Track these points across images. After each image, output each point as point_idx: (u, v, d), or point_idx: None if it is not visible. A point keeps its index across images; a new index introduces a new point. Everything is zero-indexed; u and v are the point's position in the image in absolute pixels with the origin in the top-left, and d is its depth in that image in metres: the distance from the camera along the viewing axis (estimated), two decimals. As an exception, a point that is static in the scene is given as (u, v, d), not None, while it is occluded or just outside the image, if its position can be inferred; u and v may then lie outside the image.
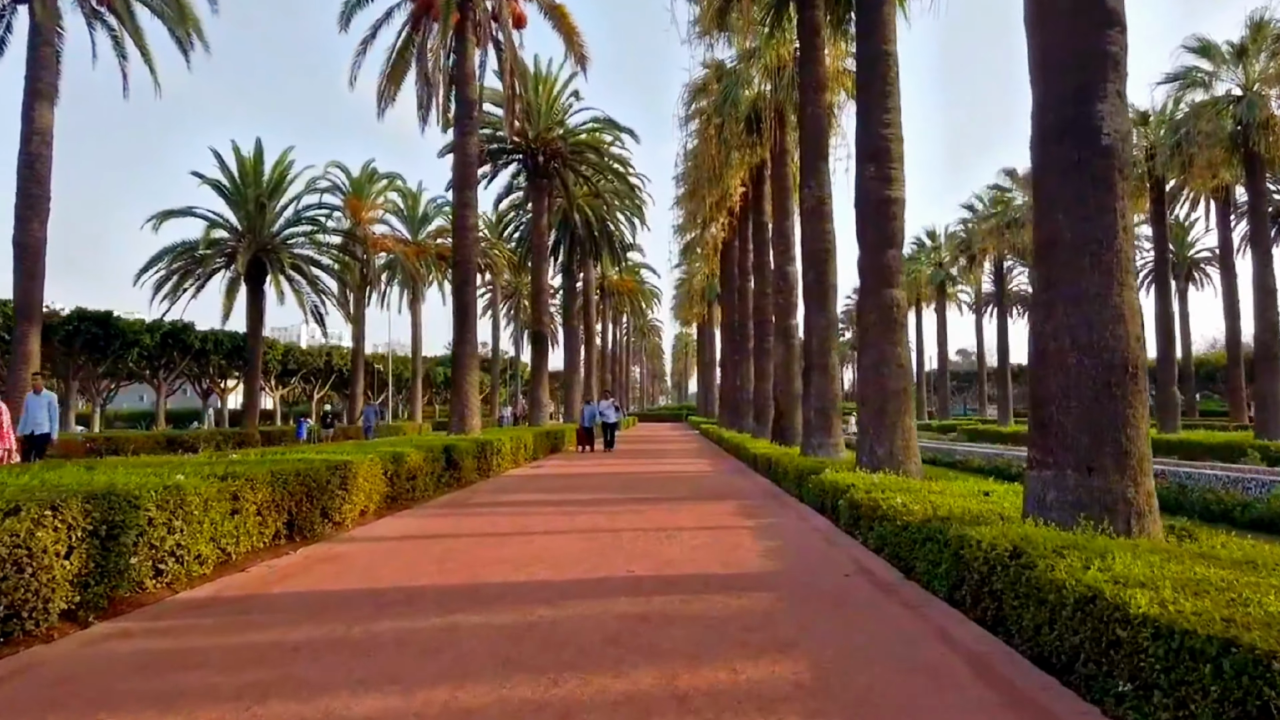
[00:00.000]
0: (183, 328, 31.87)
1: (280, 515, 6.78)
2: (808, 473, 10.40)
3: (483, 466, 13.81)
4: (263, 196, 26.97)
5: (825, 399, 14.30)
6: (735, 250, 32.07)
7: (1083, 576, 3.52)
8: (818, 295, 14.59)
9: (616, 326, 68.40)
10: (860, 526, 7.16)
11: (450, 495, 10.90)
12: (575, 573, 5.53)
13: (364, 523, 8.23)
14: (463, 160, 17.69)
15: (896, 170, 10.51)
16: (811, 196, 14.83)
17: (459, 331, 17.71)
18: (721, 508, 9.24)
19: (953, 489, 7.76)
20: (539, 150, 26.85)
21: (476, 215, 17.92)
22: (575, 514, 8.71)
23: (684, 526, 7.71)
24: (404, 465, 9.74)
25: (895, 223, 10.45)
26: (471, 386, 17.59)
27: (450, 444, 12.07)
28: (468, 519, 8.42)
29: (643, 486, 11.94)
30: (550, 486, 12.14)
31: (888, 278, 10.35)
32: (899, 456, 9.98)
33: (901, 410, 10.08)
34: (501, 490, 11.53)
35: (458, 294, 17.83)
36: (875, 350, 10.24)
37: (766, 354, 23.53)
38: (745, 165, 23.99)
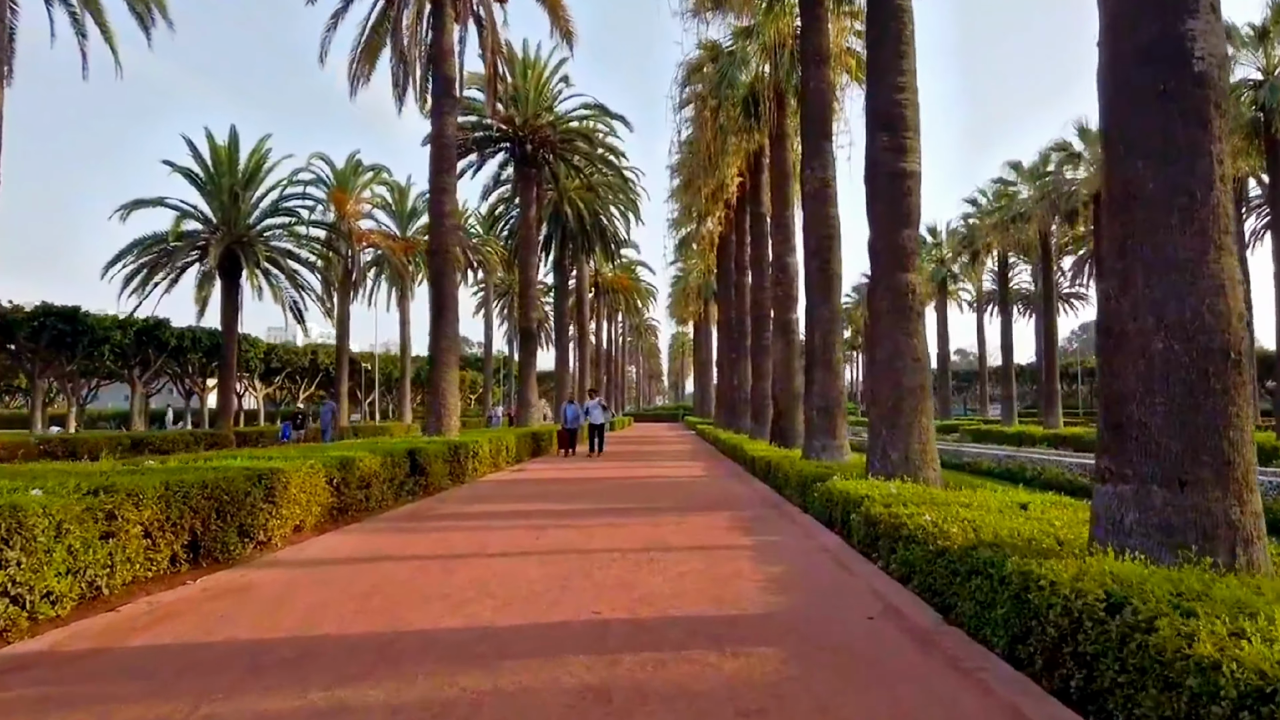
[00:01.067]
0: (157, 324, 30.59)
1: (179, 536, 5.60)
2: (812, 480, 9.25)
3: (456, 471, 12.64)
4: (237, 186, 25.74)
5: (829, 397, 13.18)
6: (732, 245, 30.99)
7: (1245, 656, 2.37)
8: (821, 285, 13.47)
9: (611, 325, 67.26)
10: (879, 548, 6.01)
11: (413, 505, 9.73)
12: (526, 614, 4.37)
13: (298, 540, 7.06)
14: (440, 143, 16.50)
15: (912, 139, 9.35)
16: (814, 178, 13.71)
17: (436, 326, 16.53)
18: (715, 521, 8.08)
19: (983, 500, 6.64)
20: (527, 138, 25.67)
21: (455, 202, 16.76)
22: (546, 528, 7.55)
23: (670, 545, 6.55)
24: (354, 472, 8.56)
25: (910, 199, 9.30)
26: (450, 385, 16.41)
27: (416, 447, 10.90)
28: (421, 536, 7.25)
29: (628, 494, 10.78)
30: (525, 494, 10.97)
31: (902, 260, 9.20)
32: (915, 462, 8.84)
33: (918, 409, 8.94)
34: (471, 499, 10.36)
35: (435, 286, 16.64)
36: (888, 342, 9.09)
37: (765, 351, 22.39)
38: (742, 153, 22.85)
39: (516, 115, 25.17)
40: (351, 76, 17.38)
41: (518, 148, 25.88)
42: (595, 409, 20.43)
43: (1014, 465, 18.42)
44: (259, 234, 27.03)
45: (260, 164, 26.64)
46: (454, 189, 16.92)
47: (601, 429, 20.35)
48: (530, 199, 26.10)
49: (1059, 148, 32.02)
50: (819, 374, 13.27)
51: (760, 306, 22.37)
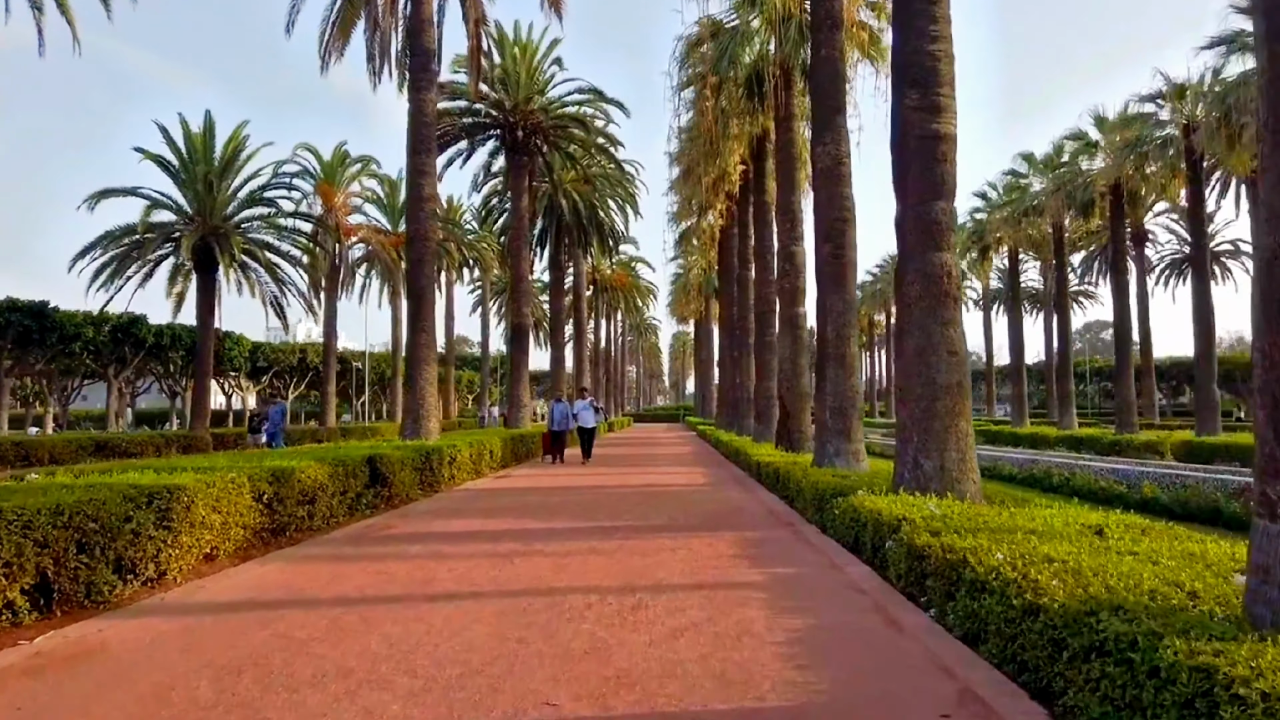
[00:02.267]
0: (132, 320, 29.25)
1: (21, 576, 4.29)
2: (831, 494, 7.93)
3: (428, 480, 11.32)
4: (212, 174, 24.39)
5: (843, 397, 11.87)
6: (734, 238, 29.69)
7: None
8: (834, 273, 12.15)
9: (610, 323, 65.91)
10: (929, 590, 4.68)
11: (368, 522, 8.41)
12: (449, 710, 3.05)
13: (208, 573, 5.74)
14: (418, 120, 15.18)
15: (946, 96, 8.03)
16: (827, 154, 12.38)
17: (414, 319, 15.22)
18: (718, 545, 6.75)
19: (1045, 522, 5.40)
20: (518, 124, 24.33)
21: (435, 185, 15.44)
22: (512, 557, 6.23)
23: (662, 583, 5.23)
24: (292, 485, 7.24)
25: (945, 165, 7.97)
26: (429, 383, 15.09)
27: (378, 454, 9.58)
28: (357, 567, 5.92)
29: (618, 508, 9.45)
30: (501, 507, 9.63)
31: (936, 237, 7.88)
32: (952, 473, 7.52)
33: (955, 411, 7.62)
34: (438, 514, 9.03)
35: (413, 275, 15.34)
36: (920, 333, 7.78)
37: (769, 347, 21.06)
38: (744, 138, 21.54)
39: (506, 99, 23.84)
40: (323, 50, 16.07)
41: (508, 134, 24.55)
42: (586, 410, 17.97)
43: (1038, 471, 17.10)
44: (236, 225, 25.69)
45: (237, 151, 25.30)
46: (434, 171, 15.60)
47: (592, 433, 18.09)
48: (522, 188, 24.77)
49: (1075, 136, 30.69)
50: (832, 370, 11.96)
51: (765, 301, 21.05)
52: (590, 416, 18.06)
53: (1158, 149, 25.37)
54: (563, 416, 17.80)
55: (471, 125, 24.73)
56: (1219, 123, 21.92)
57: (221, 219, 25.01)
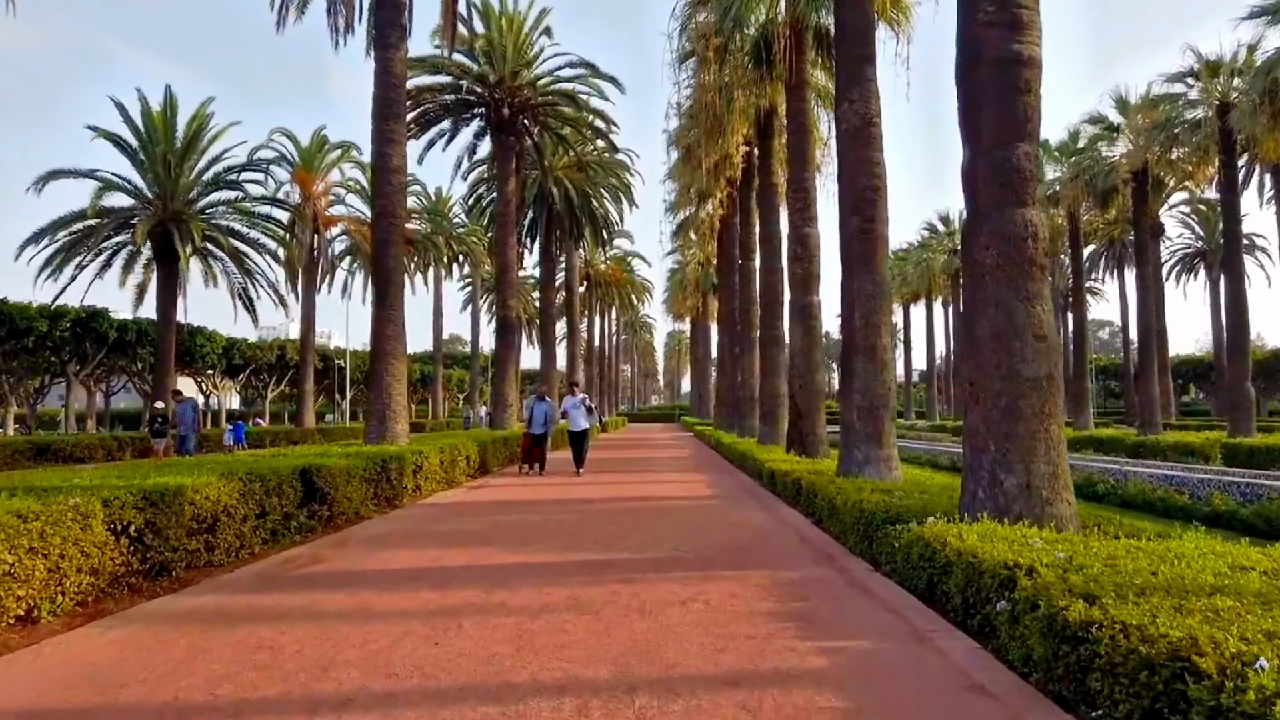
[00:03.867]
0: (92, 314, 27.29)
1: None
2: (881, 519, 6.18)
3: (385, 494, 9.52)
4: (171, 155, 22.48)
5: (873, 395, 10.17)
6: (735, 228, 28.00)
7: None
8: (862, 251, 10.44)
9: (604, 321, 64.12)
10: (1104, 700, 2.94)
11: (291, 553, 6.61)
12: None
13: (17, 645, 3.96)
14: (385, 81, 13.39)
15: (1029, 9, 6.31)
16: (853, 113, 10.66)
17: (379, 308, 13.42)
18: (745, 594, 4.98)
19: (1203, 562, 3.71)
20: (504, 101, 22.53)
21: (404, 157, 13.65)
22: (462, 617, 4.45)
23: (675, 671, 3.48)
24: (176, 510, 5.45)
25: (1028, 98, 6.24)
26: (396, 380, 13.30)
27: (315, 465, 7.77)
28: (235, 637, 4.13)
29: (611, 532, 7.67)
30: (466, 532, 7.83)
31: (1018, 189, 6.16)
32: (1042, 491, 5.84)
33: (1045, 412, 5.91)
34: (384, 541, 7.23)
35: (378, 257, 13.54)
36: (998, 312, 6.06)
37: (777, 342, 19.33)
38: (749, 116, 19.82)
39: (491, 73, 22.03)
40: (279, 4, 14.24)
41: (493, 113, 22.74)
42: (577, 409, 14.86)
43: (1078, 477, 15.33)
44: (201, 211, 23.79)
45: (200, 130, 23.36)
46: (403, 139, 13.79)
47: (585, 438, 14.96)
48: (508, 172, 22.97)
49: (1094, 120, 29.04)
50: (860, 364, 10.24)
51: (772, 291, 19.33)
52: (582, 417, 14.93)
53: (1188, 130, 23.74)
54: (544, 418, 14.84)
55: (454, 102, 22.90)
56: (1262, 99, 20.26)
57: (183, 203, 23.11)
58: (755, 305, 23.08)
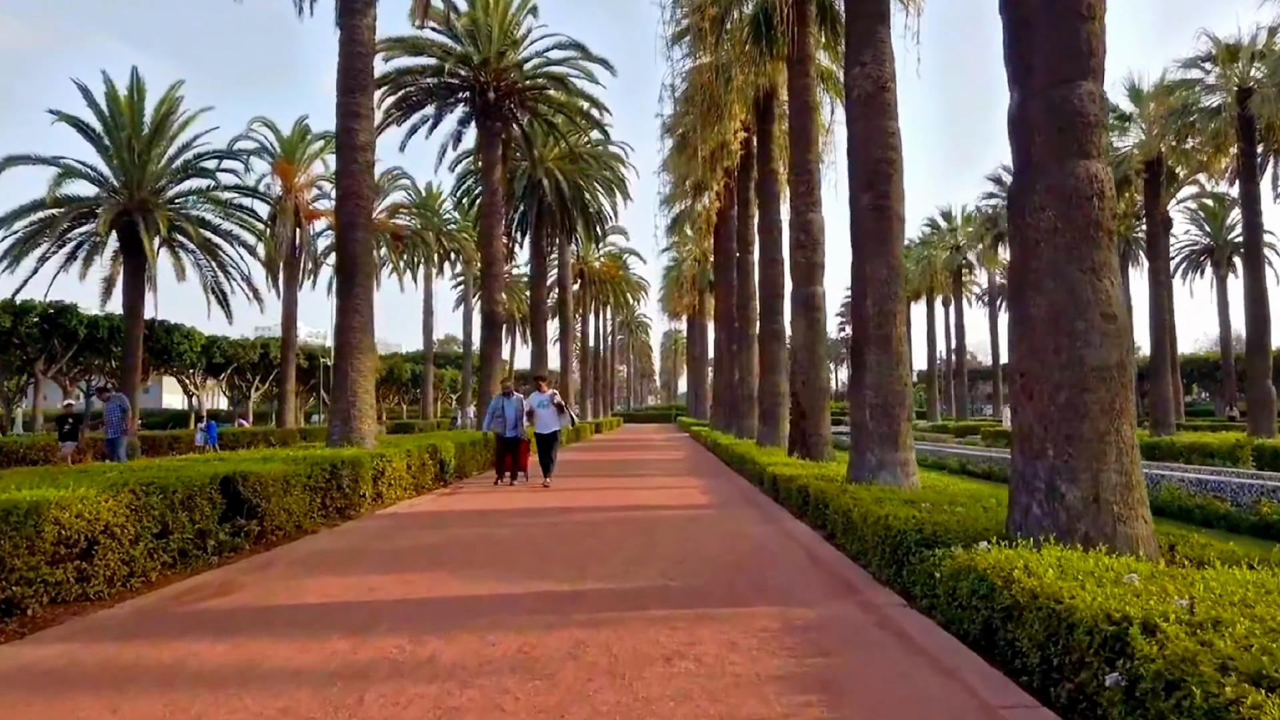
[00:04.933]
0: (61, 310, 26.05)
1: None
2: (914, 541, 5.04)
3: (337, 504, 8.37)
4: (136, 140, 21.28)
5: (888, 391, 9.08)
6: (733, 220, 26.93)
7: None
8: (876, 231, 9.34)
9: (599, 319, 62.99)
10: None
11: (197, 580, 5.45)
12: None
13: None
14: (350, 50, 12.24)
15: (1092, -81, 5.19)
16: (866, 79, 9.56)
17: (343, 298, 12.25)
18: (748, 647, 3.83)
19: None
20: (489, 84, 21.38)
21: (371, 132, 12.50)
22: (358, 686, 3.29)
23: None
24: (29, 535, 4.29)
25: (1091, 25, 5.13)
26: (362, 376, 12.14)
27: (240, 472, 6.62)
28: (31, 716, 3.00)
29: (586, 551, 6.52)
30: (418, 549, 6.66)
31: (1081, 137, 5.04)
32: (1114, 506, 4.73)
33: (1116, 408, 4.79)
34: (317, 564, 6.06)
35: (342, 242, 12.38)
36: (1057, 285, 4.94)
37: (777, 337, 18.23)
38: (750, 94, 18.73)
39: (475, 54, 20.87)
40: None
41: (478, 97, 21.58)
42: (545, 408, 12.55)
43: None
44: (170, 200, 22.58)
45: (168, 114, 22.15)
46: (370, 114, 12.63)
47: (554, 443, 12.79)
48: (494, 159, 21.82)
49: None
50: (873, 356, 9.13)
51: (772, 284, 18.23)
52: (550, 418, 12.60)
53: (1205, 117, 22.69)
54: (514, 417, 12.53)
55: (437, 86, 21.73)
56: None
57: (150, 192, 21.91)
58: (754, 300, 21.99)
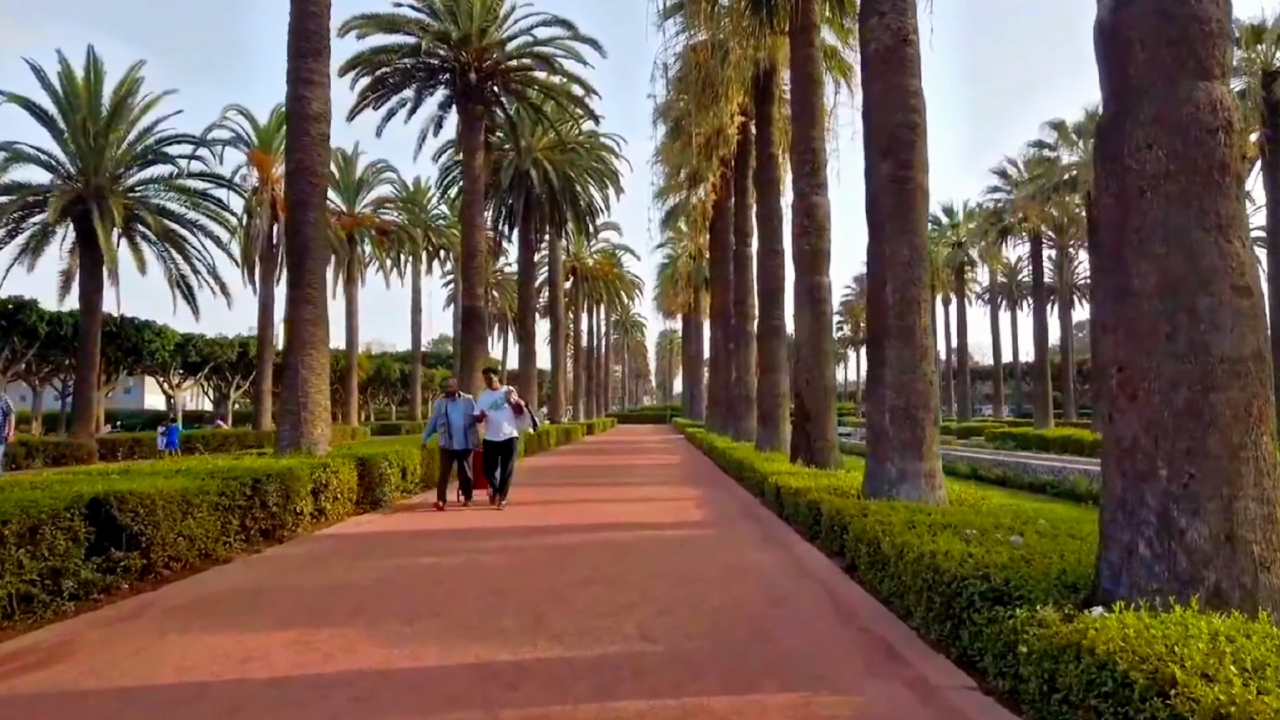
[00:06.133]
0: (19, 306, 24.61)
1: None
2: (978, 596, 3.74)
3: (259, 525, 7.04)
4: (91, 122, 19.89)
5: (911, 390, 7.84)
6: (729, 213, 25.71)
7: None
8: (896, 205, 8.08)
9: (592, 318, 61.67)
10: None
11: (28, 639, 4.14)
12: None
13: None
14: (302, 9, 10.88)
15: None
16: (885, 31, 8.30)
17: (294, 286, 10.90)
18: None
19: None
20: (470, 64, 20.06)
21: (326, 102, 11.17)
22: None
23: None
24: None
25: (1214, -96, 3.84)
26: (315, 374, 10.79)
27: (115, 493, 5.28)
28: None
29: (544, 593, 5.19)
30: (329, 596, 5.26)
31: (1196, 51, 3.74)
32: (1254, 549, 3.37)
33: (1254, 414, 3.44)
34: (200, 613, 4.71)
35: (293, 224, 11.04)
36: (1169, 248, 3.59)
37: (777, 333, 16.95)
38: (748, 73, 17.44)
39: (454, 30, 19.55)
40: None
41: (459, 78, 20.25)
42: (498, 410, 9.74)
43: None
44: (130, 188, 21.20)
45: (127, 95, 20.76)
46: (325, 82, 11.28)
47: (509, 452, 9.83)
48: (476, 144, 20.50)
49: (1119, 97, 26.66)
50: (894, 351, 7.88)
51: (772, 276, 16.95)
52: (503, 421, 9.71)
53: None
54: (463, 423, 9.85)
55: (415, 67, 20.41)
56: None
57: (108, 179, 20.53)
58: (752, 294, 20.70)
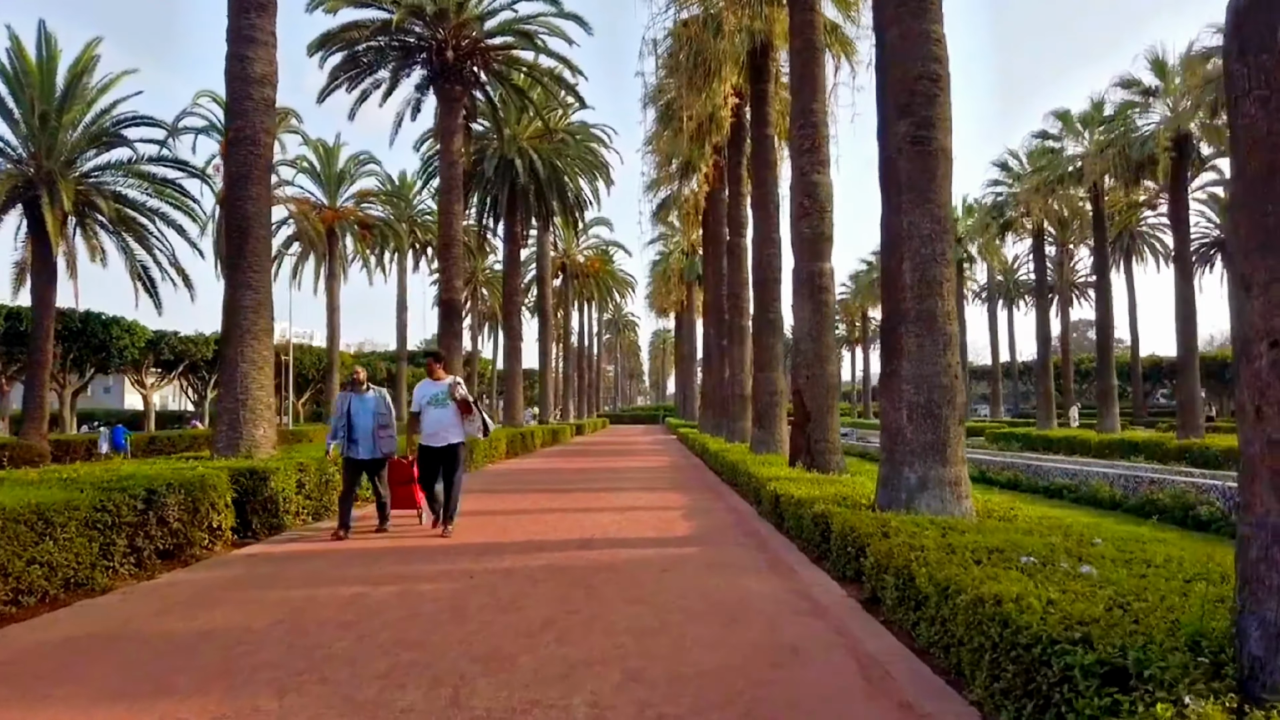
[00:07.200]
0: (-30, 301, 23.30)
1: None
2: (1076, 670, 2.56)
3: (157, 545, 5.85)
4: (39, 100, 18.59)
5: (934, 384, 6.72)
6: (723, 204, 24.66)
7: None
8: (915, 171, 6.96)
9: (583, 316, 60.46)
10: None
11: None
12: None
13: None
14: (244, -41, 9.74)
15: None
16: (902, -33, 7.18)
17: (233, 269, 9.70)
18: None
19: None
20: (446, 42, 18.86)
21: (272, 63, 9.97)
22: None
23: None
24: None
25: None
26: (256, 368, 9.59)
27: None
28: None
29: (477, 652, 4.00)
30: (172, 660, 4.02)
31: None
32: None
33: None
34: (8, 679, 3.58)
35: (231, 199, 9.84)
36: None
37: (774, 327, 15.83)
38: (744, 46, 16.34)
39: (430, 4, 18.32)
40: None
41: (435, 57, 19.04)
42: (439, 407, 7.57)
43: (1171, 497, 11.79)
44: (85, 174, 19.91)
45: (83, 73, 19.46)
46: (271, 42, 10.06)
47: (454, 461, 7.55)
48: (454, 126, 19.29)
49: (1127, 84, 25.72)
50: (913, 339, 6.76)
51: (768, 266, 15.81)
52: (446, 421, 7.54)
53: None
54: (373, 428, 7.57)
55: (389, 46, 19.20)
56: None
57: (61, 163, 19.24)
58: (747, 287, 19.57)
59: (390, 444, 7.71)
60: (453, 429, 7.57)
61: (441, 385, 7.74)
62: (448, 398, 7.62)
